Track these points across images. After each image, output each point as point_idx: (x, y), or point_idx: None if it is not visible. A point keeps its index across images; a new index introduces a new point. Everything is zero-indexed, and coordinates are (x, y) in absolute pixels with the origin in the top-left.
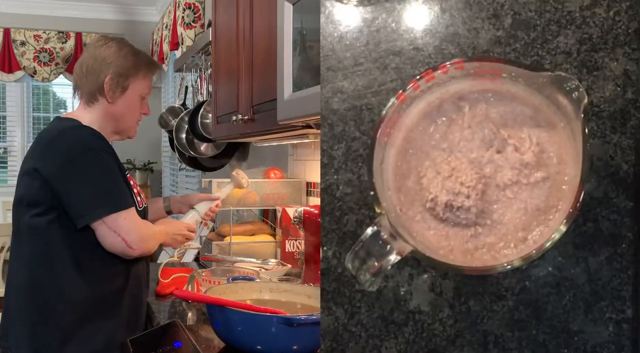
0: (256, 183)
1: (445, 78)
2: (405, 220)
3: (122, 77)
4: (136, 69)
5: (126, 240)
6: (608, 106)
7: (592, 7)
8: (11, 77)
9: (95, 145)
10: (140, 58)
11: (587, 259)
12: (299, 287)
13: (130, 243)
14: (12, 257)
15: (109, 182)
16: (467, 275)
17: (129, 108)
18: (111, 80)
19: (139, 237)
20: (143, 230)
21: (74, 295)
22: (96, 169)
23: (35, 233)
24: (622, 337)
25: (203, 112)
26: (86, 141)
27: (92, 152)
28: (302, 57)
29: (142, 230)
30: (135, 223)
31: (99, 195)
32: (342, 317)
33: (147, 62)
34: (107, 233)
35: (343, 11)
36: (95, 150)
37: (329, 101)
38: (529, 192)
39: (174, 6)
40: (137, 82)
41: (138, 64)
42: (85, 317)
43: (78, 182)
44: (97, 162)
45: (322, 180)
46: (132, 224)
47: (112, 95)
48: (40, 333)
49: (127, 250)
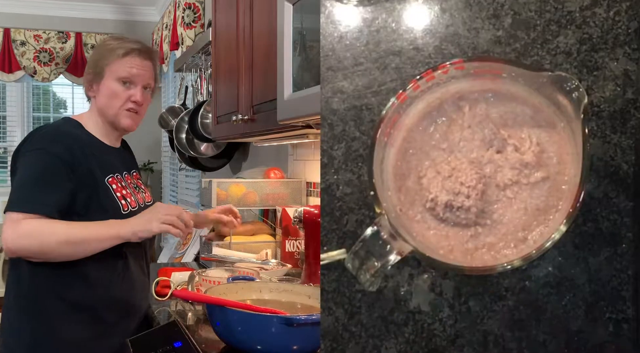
0: (256, 183)
1: (445, 78)
2: (405, 220)
3: (97, 66)
4: (109, 54)
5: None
6: (608, 106)
7: (592, 7)
8: (11, 77)
9: (43, 146)
10: (118, 43)
11: (587, 259)
12: (299, 287)
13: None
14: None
15: (31, 182)
16: (467, 275)
17: (107, 95)
18: (90, 72)
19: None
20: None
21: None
22: (28, 168)
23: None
24: (622, 337)
25: (203, 112)
26: (38, 140)
27: (36, 151)
28: (302, 57)
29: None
30: (16, 224)
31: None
32: (342, 317)
33: (122, 46)
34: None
35: (343, 11)
36: (42, 149)
37: (329, 101)
38: (529, 192)
39: (174, 6)
40: (111, 66)
41: (111, 48)
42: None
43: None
44: (33, 161)
45: (322, 180)
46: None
47: (93, 88)
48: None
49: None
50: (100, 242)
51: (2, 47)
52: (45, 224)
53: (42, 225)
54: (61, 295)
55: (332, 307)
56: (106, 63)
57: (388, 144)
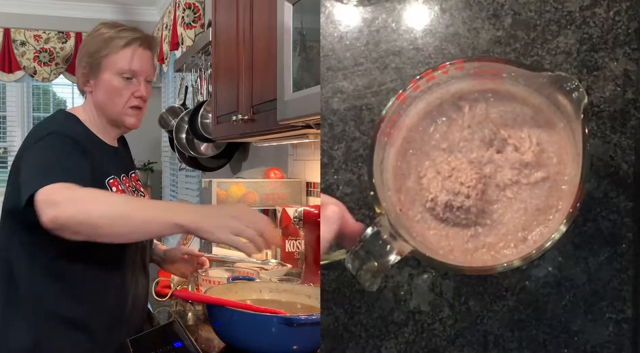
0: (256, 183)
1: (445, 78)
2: (405, 220)
3: (93, 58)
4: (106, 45)
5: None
6: (608, 106)
7: (592, 7)
8: (11, 77)
9: (53, 130)
10: (115, 32)
11: (587, 259)
12: (299, 287)
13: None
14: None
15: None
16: (467, 275)
17: (108, 91)
18: (85, 65)
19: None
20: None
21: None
22: (42, 150)
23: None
24: (622, 337)
25: (203, 112)
26: (44, 129)
27: (46, 138)
28: (302, 57)
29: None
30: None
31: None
32: (342, 317)
33: (120, 35)
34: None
35: (343, 11)
36: (53, 134)
37: (329, 101)
38: (529, 192)
39: (174, 6)
40: (111, 59)
41: (110, 39)
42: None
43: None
44: (48, 144)
45: (322, 180)
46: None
47: (88, 82)
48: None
49: (45, 219)
50: (147, 224)
51: (2, 47)
52: (87, 192)
53: (85, 193)
54: (50, 308)
55: (332, 307)
56: (104, 55)
57: (388, 144)
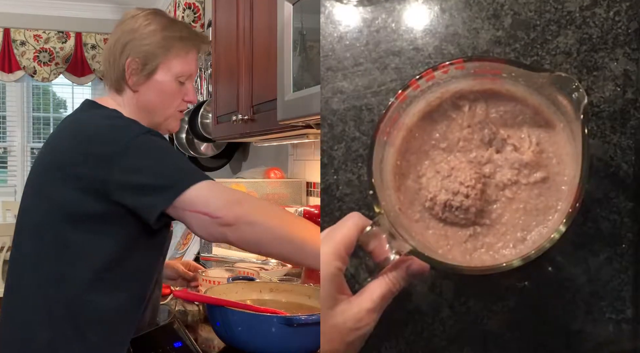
0: (256, 183)
1: (445, 78)
2: (405, 220)
3: (147, 58)
4: (166, 47)
5: (208, 212)
6: (608, 106)
7: (592, 7)
8: (11, 77)
9: (141, 131)
10: (174, 31)
11: (587, 259)
12: (299, 287)
13: (214, 211)
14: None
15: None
16: (467, 275)
17: (160, 96)
18: (132, 63)
19: (223, 202)
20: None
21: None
22: (157, 150)
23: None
24: (622, 337)
25: (203, 112)
26: (126, 125)
27: (142, 137)
28: (302, 57)
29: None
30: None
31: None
32: None
33: (182, 36)
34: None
35: (343, 11)
36: (146, 134)
37: (329, 101)
38: (528, 192)
39: (174, 6)
40: (168, 63)
41: (169, 40)
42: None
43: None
44: (154, 144)
45: (322, 180)
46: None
47: (135, 81)
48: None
49: (213, 224)
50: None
51: (2, 47)
52: (253, 198)
53: (250, 197)
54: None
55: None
56: (162, 59)
57: (388, 143)
